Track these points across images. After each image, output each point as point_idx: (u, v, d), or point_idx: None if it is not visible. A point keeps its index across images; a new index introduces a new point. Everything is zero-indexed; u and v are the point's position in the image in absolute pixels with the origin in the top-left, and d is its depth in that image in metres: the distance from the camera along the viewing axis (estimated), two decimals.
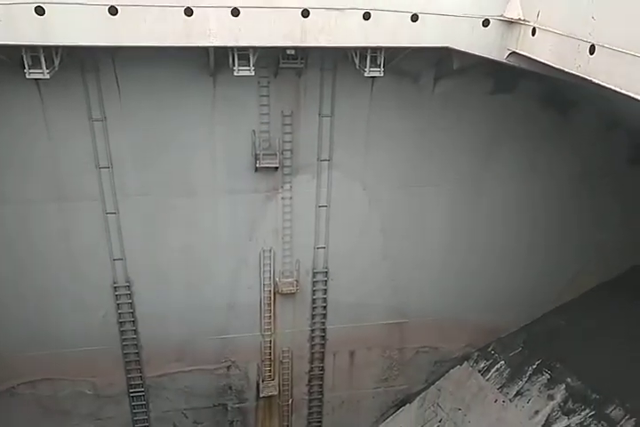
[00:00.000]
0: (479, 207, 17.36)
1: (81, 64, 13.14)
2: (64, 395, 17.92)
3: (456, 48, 12.12)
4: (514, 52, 11.93)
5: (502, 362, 18.72)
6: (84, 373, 17.69)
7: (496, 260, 18.18)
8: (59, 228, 15.40)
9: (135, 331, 17.33)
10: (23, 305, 16.24)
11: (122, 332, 17.25)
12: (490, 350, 19.32)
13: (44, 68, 11.47)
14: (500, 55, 12.19)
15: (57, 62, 11.71)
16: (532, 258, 18.26)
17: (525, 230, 17.78)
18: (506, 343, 19.12)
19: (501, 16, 11.78)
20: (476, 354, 19.57)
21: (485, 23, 11.84)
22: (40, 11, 10.30)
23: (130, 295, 16.75)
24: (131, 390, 18.28)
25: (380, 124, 15.44)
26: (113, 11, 10.58)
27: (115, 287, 16.55)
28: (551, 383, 17.38)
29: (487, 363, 19.06)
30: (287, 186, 16.10)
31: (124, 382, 18.15)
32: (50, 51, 11.48)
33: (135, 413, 18.68)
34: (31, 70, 11.55)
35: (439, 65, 14.47)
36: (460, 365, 19.73)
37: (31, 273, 15.88)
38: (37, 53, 11.34)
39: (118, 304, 16.80)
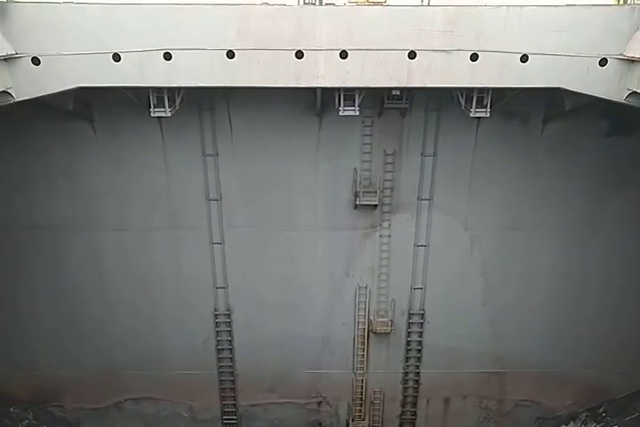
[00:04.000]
0: (590, 254, 16.10)
1: (198, 104, 13.97)
2: (164, 415, 18.36)
3: (569, 89, 11.36)
4: (634, 92, 10.99)
5: None
6: (182, 395, 18.06)
7: (608, 311, 16.62)
8: (170, 255, 16.14)
9: (232, 358, 17.53)
10: (136, 324, 16.99)
11: (219, 358, 17.50)
12: (601, 411, 17.36)
13: (167, 107, 12.15)
14: (618, 95, 11.24)
15: (178, 102, 12.42)
16: None
17: None
18: (621, 406, 17.09)
19: (621, 55, 10.95)
20: (584, 414, 17.70)
21: (602, 62, 11.02)
22: (167, 56, 10.95)
23: (229, 323, 17.04)
24: (224, 417, 18.41)
25: (485, 166, 14.93)
26: (230, 54, 11.02)
27: (215, 315, 16.91)
28: None
29: (598, 426, 17.08)
30: (386, 224, 15.87)
31: (219, 409, 18.32)
32: (173, 91, 12.21)
33: None
34: (156, 109, 12.27)
35: (549, 106, 13.79)
36: (566, 425, 17.94)
37: (145, 295, 16.64)
38: (162, 94, 12.07)
39: (218, 331, 17.13)
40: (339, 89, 12.00)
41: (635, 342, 16.77)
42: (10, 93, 10.81)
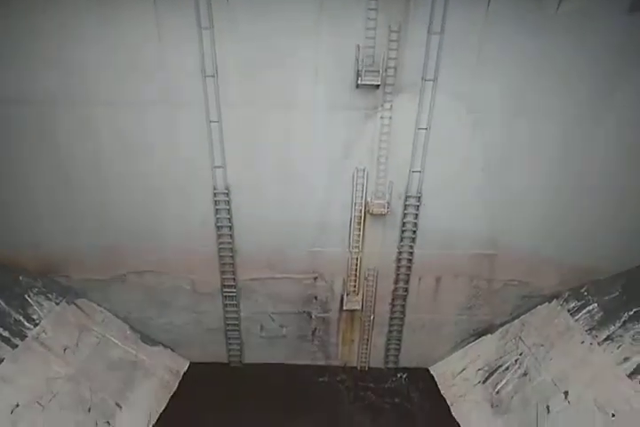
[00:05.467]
0: (595, 142, 16.56)
1: None
2: (166, 287, 20.01)
3: None
4: None
5: (595, 304, 18.47)
6: (183, 270, 19.59)
7: (604, 199, 17.56)
8: (163, 132, 16.61)
9: (231, 236, 18.72)
10: (134, 200, 17.99)
11: (219, 235, 18.69)
12: (583, 290, 19.09)
13: None
14: None
15: None
16: None
17: None
18: (602, 286, 18.77)
19: None
20: (567, 293, 19.44)
21: None
22: None
23: (228, 202, 18.00)
24: (224, 290, 20.11)
25: (494, 46, 14.88)
26: None
27: (214, 193, 17.84)
28: None
29: (578, 303, 18.93)
30: (387, 105, 16.13)
31: (219, 282, 19.92)
32: None
33: (227, 310, 20.69)
34: None
35: None
36: (549, 302, 19.76)
37: (141, 172, 17.43)
38: None
39: (217, 209, 18.14)
40: None
41: (624, 229, 18.00)
42: None
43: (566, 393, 17.03)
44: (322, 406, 20.12)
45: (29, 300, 18.12)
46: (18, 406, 15.41)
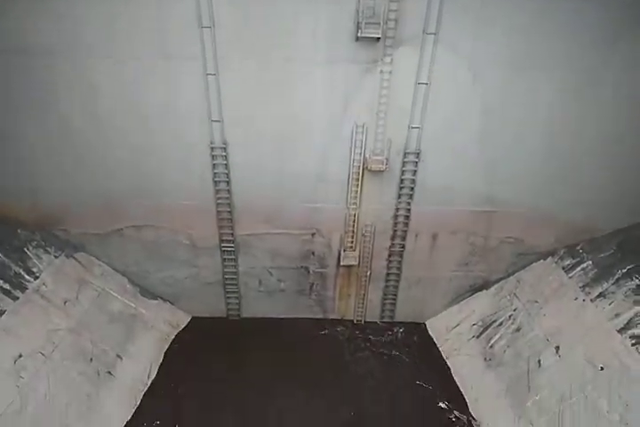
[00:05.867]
0: (596, 97, 16.49)
1: None
2: (164, 241, 20.27)
3: None
4: None
5: (589, 262, 18.82)
6: (182, 225, 19.80)
7: (603, 157, 17.62)
8: (163, 85, 16.48)
9: (229, 191, 18.83)
10: (132, 154, 18.00)
11: (217, 191, 18.81)
12: (578, 248, 19.42)
13: None
14: None
15: None
16: None
17: None
18: (597, 244, 19.08)
19: None
20: (562, 251, 19.78)
21: None
22: None
23: (225, 157, 18.02)
24: (222, 245, 20.40)
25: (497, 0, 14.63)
26: None
27: (212, 148, 17.85)
28: None
29: (573, 261, 19.29)
30: (388, 59, 15.94)
31: (217, 237, 20.17)
32: None
33: (226, 265, 21.05)
34: None
35: None
36: (544, 259, 20.14)
37: (139, 125, 17.37)
38: None
39: (215, 164, 18.17)
40: None
41: (622, 187, 18.16)
42: None
43: (557, 348, 17.57)
44: (323, 356, 20.78)
45: (28, 253, 18.43)
46: (21, 356, 15.92)
